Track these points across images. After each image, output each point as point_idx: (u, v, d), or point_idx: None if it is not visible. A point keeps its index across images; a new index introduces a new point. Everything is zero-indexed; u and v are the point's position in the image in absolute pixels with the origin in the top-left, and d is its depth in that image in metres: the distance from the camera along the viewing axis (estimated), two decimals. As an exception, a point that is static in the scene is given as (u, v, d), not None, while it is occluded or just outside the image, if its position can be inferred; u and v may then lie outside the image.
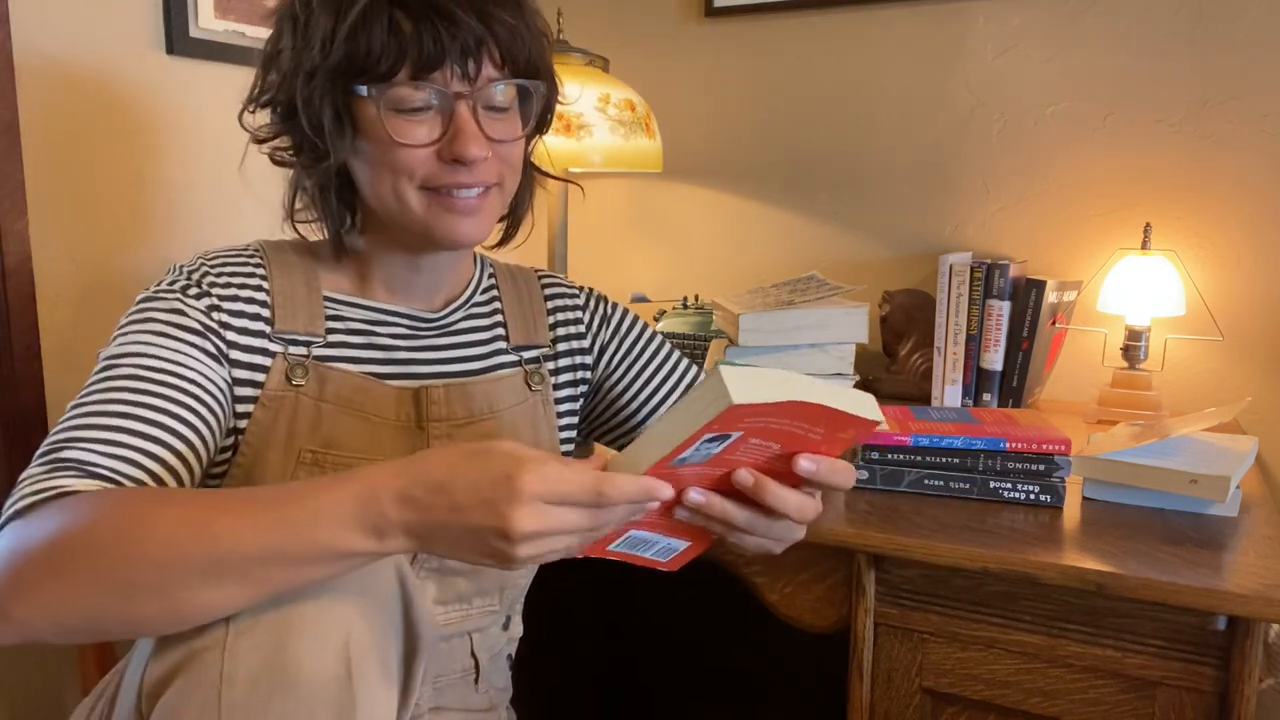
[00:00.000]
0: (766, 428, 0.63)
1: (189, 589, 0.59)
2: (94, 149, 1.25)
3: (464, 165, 0.77)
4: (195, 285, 0.79)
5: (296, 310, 0.83)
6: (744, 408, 0.59)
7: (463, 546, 0.59)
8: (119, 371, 0.73)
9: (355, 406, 0.82)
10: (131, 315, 0.78)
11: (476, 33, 0.75)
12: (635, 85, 1.69)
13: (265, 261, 0.84)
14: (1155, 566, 0.88)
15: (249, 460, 0.79)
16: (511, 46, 0.78)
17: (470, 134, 0.77)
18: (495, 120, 0.80)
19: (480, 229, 0.82)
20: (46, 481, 0.66)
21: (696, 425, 0.59)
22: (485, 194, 0.81)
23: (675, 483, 0.64)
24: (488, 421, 0.87)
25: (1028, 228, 1.59)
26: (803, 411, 0.63)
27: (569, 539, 0.60)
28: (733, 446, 0.64)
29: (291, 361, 0.81)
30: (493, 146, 0.79)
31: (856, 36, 1.66)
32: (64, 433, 0.70)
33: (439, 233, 0.80)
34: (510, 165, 0.83)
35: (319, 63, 0.75)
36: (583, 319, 0.97)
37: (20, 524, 0.63)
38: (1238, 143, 1.44)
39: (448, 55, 0.74)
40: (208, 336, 0.78)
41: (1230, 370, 1.48)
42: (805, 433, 0.66)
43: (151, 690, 0.62)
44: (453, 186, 0.79)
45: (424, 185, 0.79)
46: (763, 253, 1.79)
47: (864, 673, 1.01)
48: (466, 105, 0.77)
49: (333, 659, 0.63)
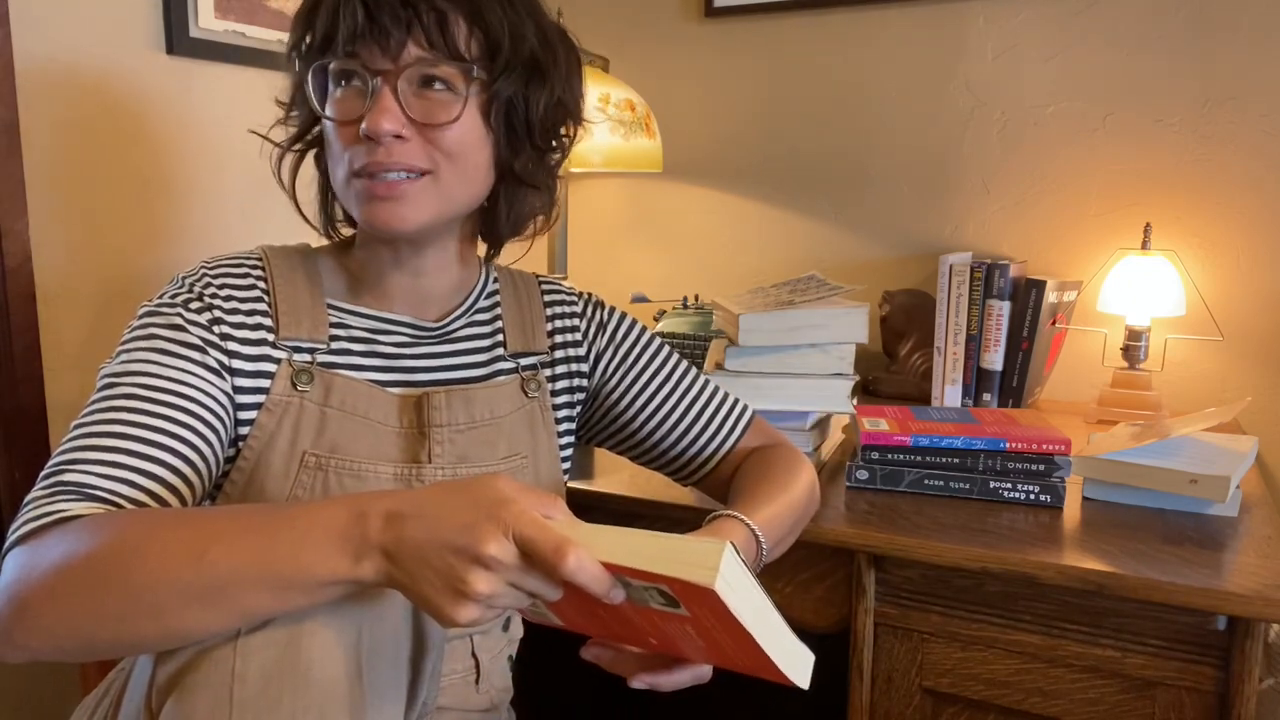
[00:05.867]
0: (712, 631, 0.61)
1: (184, 614, 0.60)
2: (94, 149, 1.25)
3: (377, 143, 0.76)
4: (197, 298, 0.79)
5: (300, 317, 0.83)
6: (717, 603, 0.56)
7: (427, 569, 0.59)
8: (119, 391, 0.73)
9: (359, 412, 0.82)
10: (134, 330, 0.78)
11: (398, 13, 0.75)
12: (635, 85, 1.69)
13: (267, 269, 0.84)
14: (1155, 566, 0.88)
15: (251, 465, 0.79)
16: (444, 28, 0.76)
17: (382, 107, 0.75)
18: (425, 101, 0.77)
19: (406, 215, 0.78)
20: (48, 506, 0.67)
21: (667, 571, 0.57)
22: (412, 181, 0.77)
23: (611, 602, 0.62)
24: (489, 427, 0.87)
25: (1028, 228, 1.59)
26: (751, 645, 0.61)
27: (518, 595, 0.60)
28: (669, 619, 0.62)
29: (296, 367, 0.81)
30: (417, 128, 0.77)
31: (857, 37, 1.66)
32: (65, 454, 0.70)
33: (366, 218, 0.79)
34: (448, 154, 0.78)
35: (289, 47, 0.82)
36: (579, 326, 0.96)
37: (25, 550, 0.64)
38: (1238, 143, 1.44)
39: (369, 32, 0.75)
40: (208, 351, 0.77)
41: (1230, 370, 1.48)
42: (724, 647, 0.64)
43: (162, 687, 0.63)
44: (371, 167, 0.77)
45: (355, 171, 0.78)
46: (763, 253, 1.79)
47: (864, 673, 1.01)
48: (388, 83, 0.76)
49: (344, 657, 0.63)
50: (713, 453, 0.97)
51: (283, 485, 0.79)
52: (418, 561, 0.59)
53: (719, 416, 0.97)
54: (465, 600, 0.58)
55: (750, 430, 0.98)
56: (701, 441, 0.97)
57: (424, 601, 0.59)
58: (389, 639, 0.67)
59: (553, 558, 0.57)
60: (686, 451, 0.97)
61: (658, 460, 0.99)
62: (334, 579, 0.60)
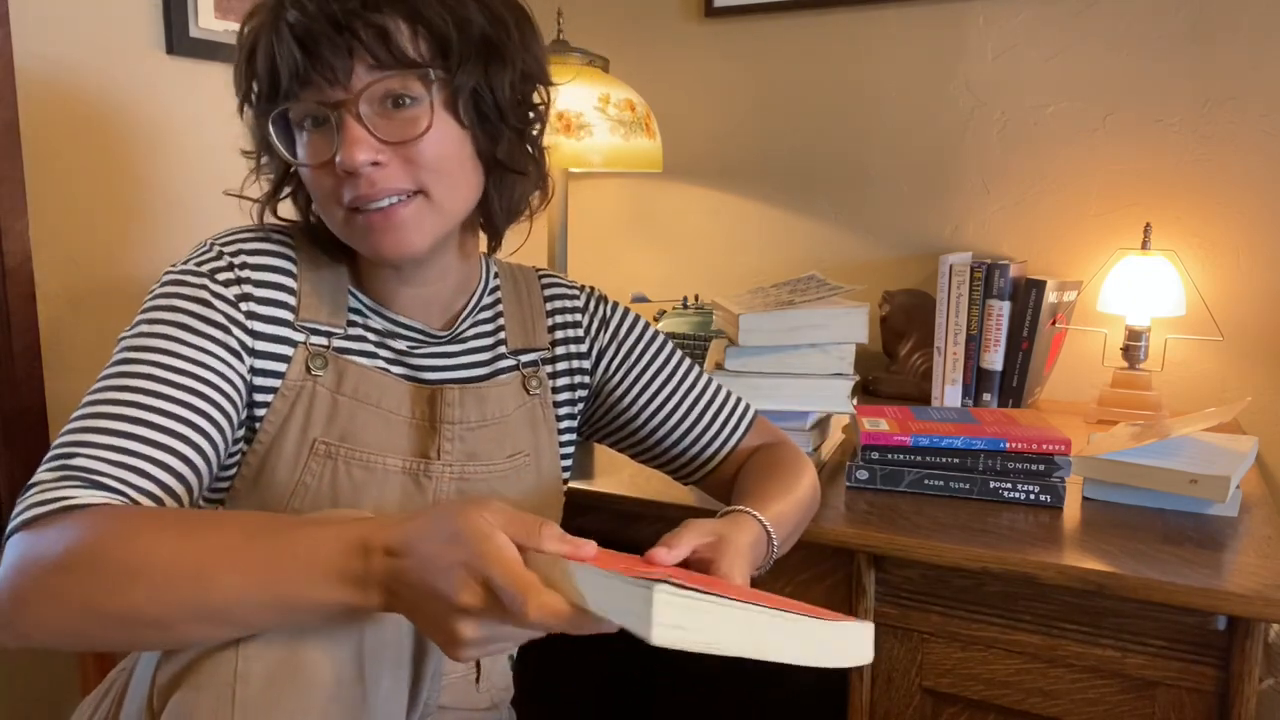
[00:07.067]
0: None
1: (186, 628, 0.60)
2: (94, 149, 1.25)
3: (358, 175, 0.73)
4: (227, 268, 0.78)
5: (321, 300, 0.82)
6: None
7: (419, 613, 0.59)
8: (137, 369, 0.72)
9: (371, 400, 0.82)
10: (156, 299, 0.76)
11: (335, 40, 0.71)
12: (635, 85, 1.69)
13: (296, 247, 0.83)
14: (1155, 566, 0.88)
15: (264, 448, 0.78)
16: (387, 40, 0.72)
17: (351, 139, 0.72)
18: (392, 119, 0.74)
19: (408, 240, 0.76)
20: (54, 491, 0.66)
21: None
22: (405, 203, 0.75)
23: None
24: (497, 426, 0.87)
25: (1028, 228, 1.59)
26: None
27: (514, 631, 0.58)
28: None
29: (312, 351, 0.80)
30: (394, 149, 0.74)
31: (856, 37, 1.66)
32: (75, 434, 0.69)
33: (372, 251, 0.77)
34: (431, 169, 0.75)
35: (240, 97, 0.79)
36: (581, 322, 0.96)
37: (28, 536, 0.63)
38: (1238, 143, 1.44)
39: (312, 68, 0.72)
40: (231, 331, 0.76)
41: (1230, 370, 1.49)
42: None
43: (164, 687, 0.63)
44: (358, 201, 0.74)
45: (347, 206, 0.76)
46: (763, 253, 1.79)
47: (864, 673, 1.01)
48: (349, 111, 0.73)
49: (346, 658, 0.63)
50: (715, 452, 0.97)
51: (292, 473, 0.78)
52: (411, 604, 0.59)
53: (722, 415, 0.97)
54: (456, 645, 0.58)
55: (753, 429, 0.98)
56: (704, 440, 0.97)
57: (427, 635, 0.60)
58: (391, 640, 0.67)
59: (518, 610, 0.55)
60: (689, 450, 0.97)
61: (659, 459, 0.99)
62: (339, 607, 0.60)
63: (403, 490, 0.81)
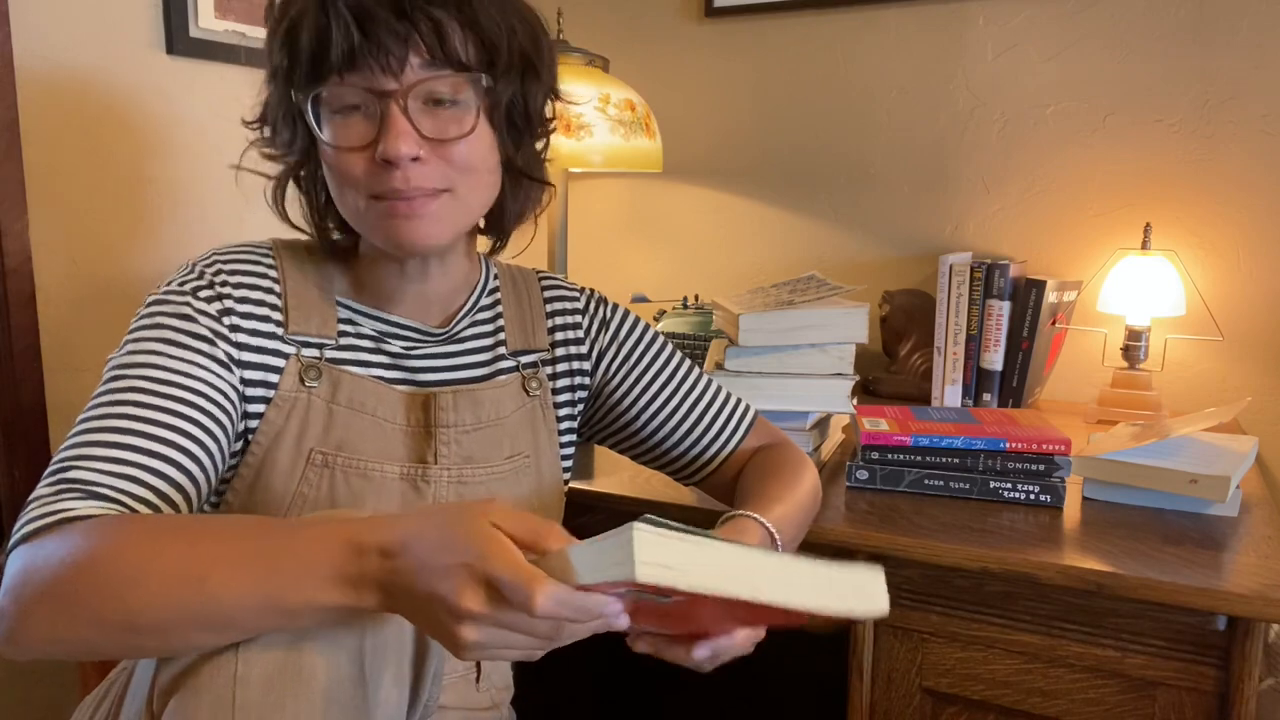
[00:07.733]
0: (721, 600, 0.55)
1: (186, 634, 0.61)
2: (94, 149, 1.25)
3: (395, 167, 0.74)
4: (207, 285, 0.78)
5: (309, 312, 0.82)
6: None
7: (420, 615, 0.59)
8: (126, 384, 0.73)
9: (367, 409, 0.82)
10: (141, 320, 0.77)
11: (395, 27, 0.71)
12: (635, 85, 1.69)
13: (279, 261, 0.83)
14: (1155, 566, 0.88)
15: (258, 460, 0.79)
16: (443, 38, 0.73)
17: (396, 131, 0.72)
18: (435, 117, 0.75)
19: (430, 232, 0.76)
20: (53, 504, 0.66)
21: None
22: (432, 198, 0.76)
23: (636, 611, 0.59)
24: (494, 428, 0.87)
25: (1028, 228, 1.59)
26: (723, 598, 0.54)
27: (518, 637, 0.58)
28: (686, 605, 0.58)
29: (305, 362, 0.80)
30: (432, 146, 0.75)
31: (856, 37, 1.66)
32: (71, 450, 0.70)
33: (387, 240, 0.77)
34: (462, 169, 0.77)
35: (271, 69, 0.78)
36: (581, 323, 0.96)
37: (29, 549, 0.64)
38: (1238, 143, 1.44)
39: (368, 52, 0.72)
40: (217, 343, 0.77)
41: (1230, 370, 1.49)
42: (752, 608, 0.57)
43: (164, 689, 0.63)
44: (389, 194, 0.75)
45: (371, 194, 0.76)
46: (763, 253, 1.80)
47: (864, 673, 1.01)
48: (396, 103, 0.73)
49: (346, 659, 0.63)
50: (716, 453, 0.97)
51: (289, 483, 0.79)
52: (410, 606, 0.59)
53: (722, 417, 0.97)
54: (459, 647, 0.58)
55: (753, 430, 0.98)
56: (705, 442, 0.97)
57: (429, 635, 0.60)
58: (391, 641, 0.67)
59: (525, 604, 0.55)
60: (689, 452, 0.97)
61: (660, 460, 0.99)
62: (336, 608, 0.60)
63: (402, 496, 0.82)
